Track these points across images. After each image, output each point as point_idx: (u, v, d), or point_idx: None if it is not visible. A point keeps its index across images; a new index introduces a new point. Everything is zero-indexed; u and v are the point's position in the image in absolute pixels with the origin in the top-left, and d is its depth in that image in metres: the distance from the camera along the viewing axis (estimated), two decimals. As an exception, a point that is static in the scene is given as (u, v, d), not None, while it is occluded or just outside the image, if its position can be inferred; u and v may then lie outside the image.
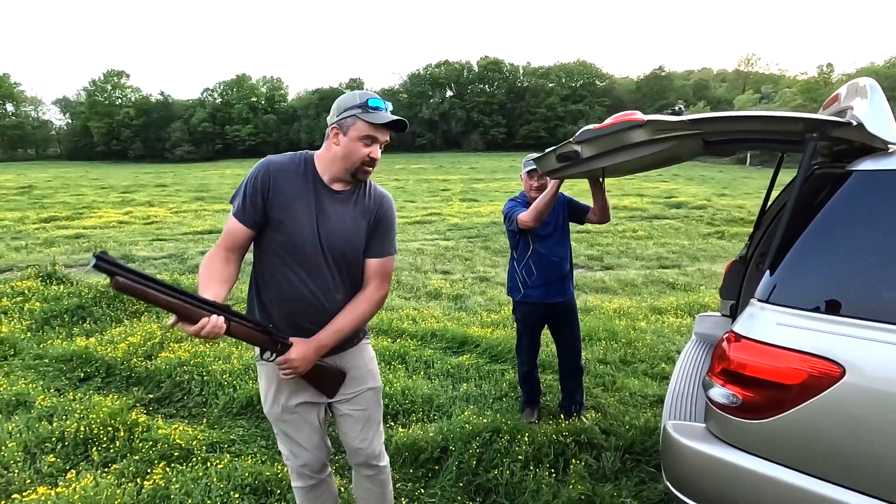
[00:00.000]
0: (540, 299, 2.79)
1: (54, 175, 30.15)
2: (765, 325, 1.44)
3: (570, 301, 2.88)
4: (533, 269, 2.76)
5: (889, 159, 1.44)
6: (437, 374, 3.46)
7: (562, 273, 2.79)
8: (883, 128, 1.46)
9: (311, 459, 1.69)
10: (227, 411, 2.93)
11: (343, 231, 1.52)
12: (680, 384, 2.11)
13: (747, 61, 69.97)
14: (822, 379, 1.33)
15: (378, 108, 1.45)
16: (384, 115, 1.46)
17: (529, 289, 2.79)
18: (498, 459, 2.40)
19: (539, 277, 2.76)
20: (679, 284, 6.27)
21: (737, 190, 19.64)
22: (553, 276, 2.76)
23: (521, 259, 2.81)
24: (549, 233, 2.75)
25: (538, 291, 2.78)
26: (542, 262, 2.74)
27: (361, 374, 1.67)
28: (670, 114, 1.60)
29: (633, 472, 2.42)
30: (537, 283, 2.76)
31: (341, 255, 1.53)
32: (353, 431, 1.70)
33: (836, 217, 1.46)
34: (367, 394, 1.69)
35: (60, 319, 4.26)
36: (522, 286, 2.81)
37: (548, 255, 2.73)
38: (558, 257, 2.76)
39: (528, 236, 2.75)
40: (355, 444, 1.72)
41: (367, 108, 1.44)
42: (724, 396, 1.48)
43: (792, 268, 1.47)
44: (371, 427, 1.72)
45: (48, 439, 2.52)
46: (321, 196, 1.51)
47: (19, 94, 70.04)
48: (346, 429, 1.71)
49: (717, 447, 1.53)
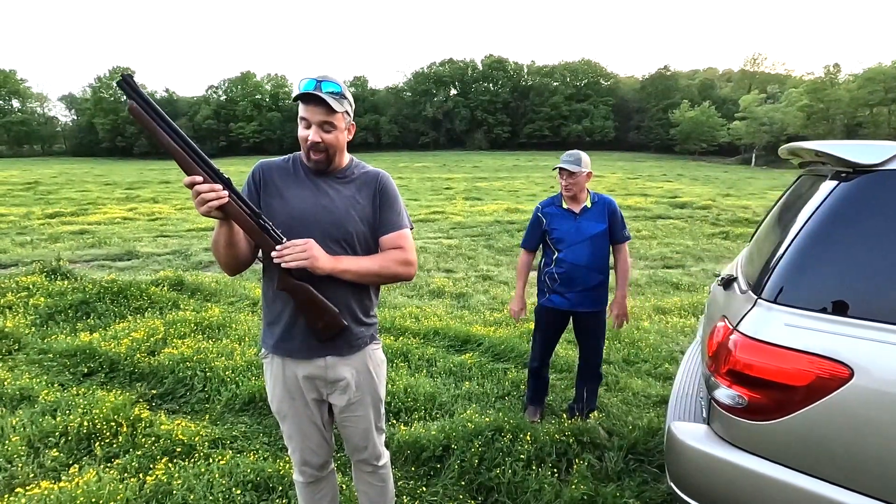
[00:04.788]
0: (560, 306, 2.73)
1: (59, 171, 30.29)
2: (772, 325, 1.42)
3: (598, 313, 2.76)
4: (556, 276, 2.70)
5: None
6: (439, 372, 3.45)
7: (589, 283, 2.67)
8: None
9: (312, 457, 1.69)
10: (229, 407, 2.93)
11: (339, 210, 1.52)
12: (684, 385, 2.09)
13: (753, 61, 69.63)
14: (829, 381, 1.32)
15: (306, 88, 1.42)
16: (306, 94, 1.42)
17: (552, 293, 2.74)
18: (500, 458, 2.39)
19: (561, 285, 2.69)
20: (683, 285, 6.25)
21: (742, 190, 19.55)
22: (578, 285, 2.66)
23: (546, 263, 2.79)
24: (579, 240, 2.65)
25: (559, 298, 2.72)
26: (565, 270, 2.66)
27: (364, 379, 1.64)
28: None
29: (636, 472, 2.41)
30: (560, 289, 2.70)
31: (342, 237, 1.51)
32: (354, 435, 1.70)
33: (846, 216, 1.44)
34: (367, 400, 1.66)
35: (65, 315, 4.27)
36: (546, 290, 2.77)
37: (573, 263, 2.64)
38: (584, 266, 2.64)
39: (552, 242, 2.71)
40: (356, 445, 1.72)
41: (299, 90, 1.44)
42: (729, 397, 1.47)
43: (800, 268, 1.46)
44: (371, 431, 1.71)
45: (51, 434, 2.53)
46: (312, 183, 1.54)
47: (25, 91, 70.35)
48: (347, 432, 1.71)
49: (721, 448, 1.51)
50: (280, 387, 1.61)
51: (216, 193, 1.31)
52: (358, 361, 1.63)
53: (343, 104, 1.48)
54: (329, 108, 1.43)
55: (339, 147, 1.53)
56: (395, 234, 1.58)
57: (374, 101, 71.74)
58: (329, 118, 1.45)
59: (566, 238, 2.65)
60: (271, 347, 1.59)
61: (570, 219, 2.68)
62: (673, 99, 61.28)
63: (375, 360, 1.69)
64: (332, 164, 1.54)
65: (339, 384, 1.61)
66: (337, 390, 1.62)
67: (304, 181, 1.55)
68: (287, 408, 1.62)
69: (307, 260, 1.40)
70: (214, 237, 1.46)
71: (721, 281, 2.07)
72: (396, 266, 1.55)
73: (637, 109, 66.59)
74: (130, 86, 1.22)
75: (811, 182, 1.79)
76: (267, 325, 1.61)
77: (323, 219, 1.50)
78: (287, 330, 1.55)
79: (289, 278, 1.45)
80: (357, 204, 1.55)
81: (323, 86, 1.43)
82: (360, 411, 1.67)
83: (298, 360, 1.57)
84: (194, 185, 1.30)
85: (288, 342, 1.56)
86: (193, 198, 1.31)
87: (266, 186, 1.54)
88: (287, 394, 1.61)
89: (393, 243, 1.57)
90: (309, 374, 1.58)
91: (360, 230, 1.55)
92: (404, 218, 1.63)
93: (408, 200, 15.63)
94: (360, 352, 1.63)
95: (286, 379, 1.59)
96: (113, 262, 7.02)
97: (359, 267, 1.49)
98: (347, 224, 1.53)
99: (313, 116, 1.45)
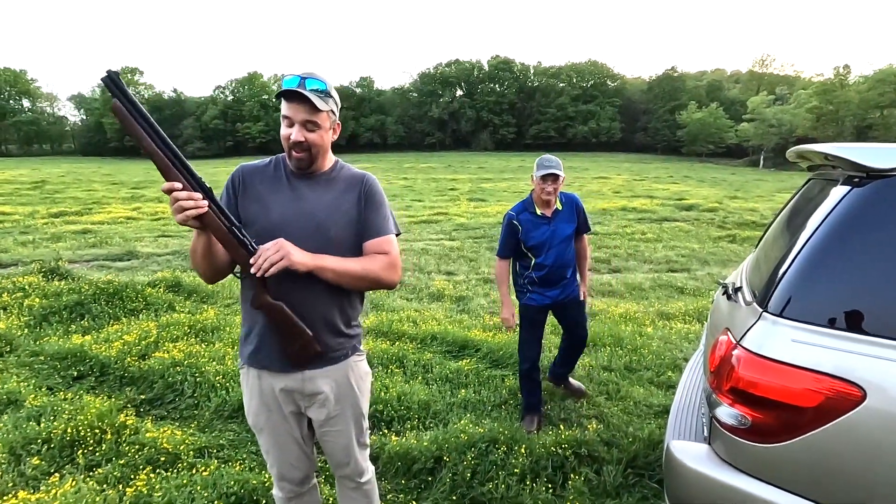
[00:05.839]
0: (541, 303, 2.85)
1: (67, 170, 30.52)
2: (778, 341, 1.33)
3: (574, 296, 2.90)
4: (535, 279, 2.81)
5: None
6: (435, 378, 3.36)
7: (565, 277, 2.83)
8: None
9: (291, 472, 1.61)
10: (218, 414, 2.86)
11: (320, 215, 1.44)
12: (685, 398, 2.00)
13: (762, 62, 68.99)
14: (840, 402, 1.22)
15: (289, 85, 1.35)
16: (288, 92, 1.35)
17: (531, 293, 2.85)
18: (493, 472, 2.30)
19: (541, 286, 2.82)
20: (688, 289, 6.12)
21: (749, 192, 19.32)
22: (555, 282, 2.81)
23: (523, 267, 2.85)
24: (554, 244, 2.75)
25: (539, 297, 2.84)
26: (544, 273, 2.77)
27: (345, 392, 1.56)
28: None
29: (635, 487, 2.32)
30: (539, 290, 2.83)
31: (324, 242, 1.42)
32: (336, 452, 1.62)
33: (859, 224, 1.34)
34: (348, 414, 1.58)
35: (59, 316, 4.23)
36: (527, 291, 2.87)
37: (551, 266, 2.75)
38: (560, 266, 2.78)
39: (529, 250, 2.77)
40: (338, 461, 1.64)
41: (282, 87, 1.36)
42: (732, 417, 1.38)
43: (808, 279, 1.36)
44: (353, 446, 1.63)
45: (35, 441, 2.47)
46: (293, 187, 1.47)
47: (35, 91, 71.06)
48: (327, 447, 1.63)
49: (722, 471, 1.42)
50: (256, 399, 1.53)
51: (195, 203, 1.24)
52: (338, 374, 1.55)
53: (328, 103, 1.40)
54: (313, 106, 1.35)
55: (323, 147, 1.45)
56: (380, 238, 1.50)
57: (380, 101, 71.82)
58: (313, 117, 1.38)
59: (543, 244, 2.73)
60: (247, 359, 1.52)
61: (544, 225, 2.74)
62: (680, 100, 60.83)
63: (358, 372, 1.60)
64: (314, 165, 1.47)
65: (317, 398, 1.53)
66: (315, 404, 1.54)
67: (284, 185, 1.48)
68: (263, 421, 1.55)
69: (282, 260, 1.31)
70: (192, 246, 1.39)
71: (725, 290, 1.97)
72: (380, 270, 1.47)
73: (644, 111, 66.16)
74: (116, 84, 1.16)
75: (821, 187, 1.69)
76: (244, 336, 1.53)
77: (304, 224, 1.43)
78: (262, 341, 1.47)
79: (264, 296, 1.38)
80: (340, 208, 1.48)
81: (307, 83, 1.36)
82: (340, 426, 1.58)
83: (275, 372, 1.49)
84: (172, 192, 1.23)
85: (263, 354, 1.48)
86: (171, 204, 1.25)
87: (246, 191, 1.48)
88: (264, 406, 1.53)
89: (378, 248, 1.49)
90: (286, 386, 1.50)
91: (344, 235, 1.47)
92: (391, 223, 1.55)
93: (412, 201, 15.58)
94: (340, 364, 1.55)
95: (262, 391, 1.52)
96: (112, 263, 6.99)
97: (340, 266, 1.41)
98: (329, 229, 1.45)
99: (296, 115, 1.37)
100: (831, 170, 1.65)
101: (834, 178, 1.54)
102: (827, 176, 1.69)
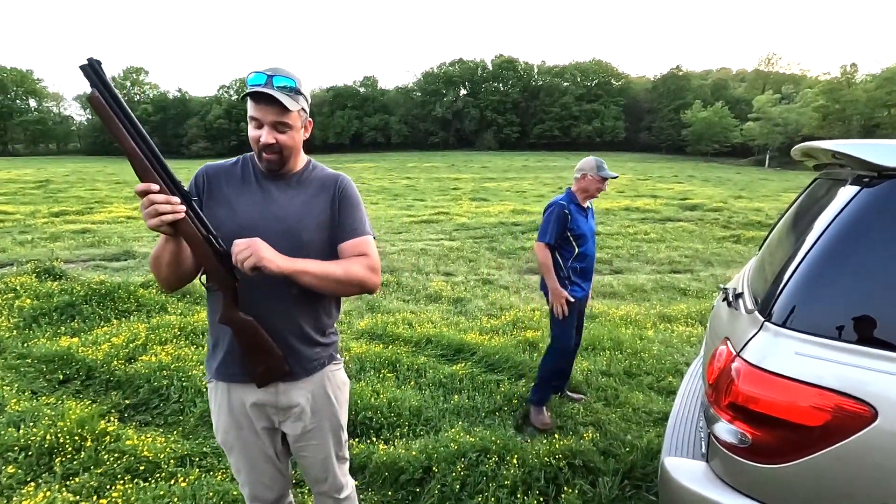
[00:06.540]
0: (580, 296, 2.92)
1: (72, 170, 30.64)
2: (781, 353, 1.23)
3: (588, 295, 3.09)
4: (578, 269, 2.90)
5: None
6: (428, 383, 3.27)
7: (593, 272, 3.05)
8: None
9: (264, 492, 1.52)
10: (203, 420, 2.77)
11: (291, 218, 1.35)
12: (684, 409, 1.90)
13: (767, 61, 68.47)
14: (849, 421, 1.12)
15: (255, 84, 1.26)
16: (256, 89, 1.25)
17: (573, 286, 2.89)
18: (483, 484, 2.21)
19: (580, 277, 2.92)
20: (691, 291, 6.00)
21: (755, 192, 19.11)
22: (589, 275, 2.98)
23: (566, 258, 2.89)
24: (590, 236, 2.93)
25: (579, 290, 2.93)
26: (585, 264, 2.91)
27: (322, 404, 1.47)
28: None
29: (631, 500, 2.22)
30: (578, 281, 2.91)
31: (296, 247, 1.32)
32: (313, 467, 1.53)
33: (869, 227, 1.24)
34: (325, 427, 1.49)
35: (49, 317, 4.17)
36: (569, 283, 2.90)
37: (591, 257, 2.93)
38: (593, 258, 2.98)
39: (573, 239, 2.86)
40: (315, 477, 1.55)
41: (247, 86, 1.27)
42: (731, 434, 1.28)
43: (814, 286, 1.26)
44: (331, 461, 1.53)
45: (13, 448, 2.39)
46: (263, 189, 1.38)
47: (41, 91, 71.48)
48: (304, 463, 1.54)
49: (720, 492, 1.32)
50: (225, 415, 1.44)
51: (172, 207, 1.14)
52: (314, 385, 1.46)
53: (298, 101, 1.31)
54: (282, 106, 1.26)
55: (294, 148, 1.36)
56: (358, 239, 1.40)
57: (384, 101, 71.78)
58: (283, 118, 1.29)
59: (586, 234, 2.87)
60: (215, 372, 1.43)
61: (585, 217, 2.93)
62: (685, 99, 60.41)
63: (335, 382, 1.51)
64: (286, 166, 1.38)
65: (292, 411, 1.44)
66: (290, 418, 1.45)
67: (253, 187, 1.38)
68: (233, 439, 1.45)
69: (251, 257, 1.19)
70: (156, 252, 1.28)
71: (725, 295, 1.87)
72: (362, 272, 1.36)
73: (648, 110, 65.78)
74: (96, 72, 1.06)
75: (827, 187, 1.59)
76: (210, 348, 1.44)
77: (274, 228, 1.33)
78: (230, 352, 1.38)
79: (234, 310, 1.29)
80: (312, 210, 1.38)
81: (275, 80, 1.26)
82: (318, 440, 1.49)
83: (245, 384, 1.40)
84: (148, 194, 1.13)
85: (231, 366, 1.39)
86: (144, 207, 1.14)
87: (211, 194, 1.38)
88: (234, 423, 1.44)
89: (356, 249, 1.39)
90: (258, 400, 1.41)
91: (317, 238, 1.38)
92: (367, 226, 1.46)
93: (413, 201, 15.51)
94: (316, 374, 1.45)
95: (232, 406, 1.43)
96: (108, 263, 6.93)
97: (320, 269, 1.29)
98: (301, 233, 1.36)
99: (265, 116, 1.28)
100: (839, 169, 1.54)
101: (842, 177, 1.44)
102: (834, 175, 1.59)
